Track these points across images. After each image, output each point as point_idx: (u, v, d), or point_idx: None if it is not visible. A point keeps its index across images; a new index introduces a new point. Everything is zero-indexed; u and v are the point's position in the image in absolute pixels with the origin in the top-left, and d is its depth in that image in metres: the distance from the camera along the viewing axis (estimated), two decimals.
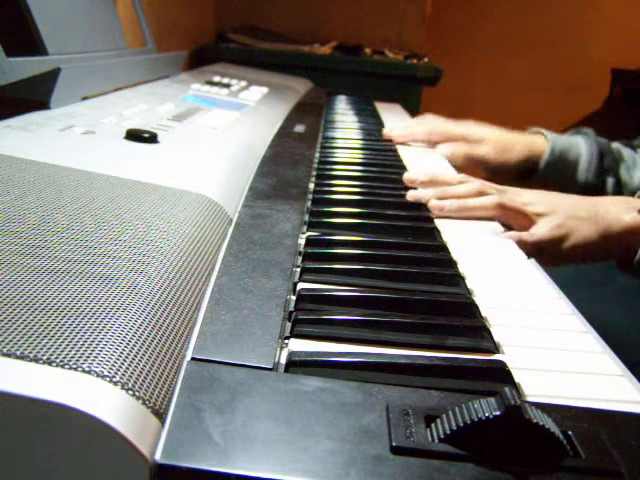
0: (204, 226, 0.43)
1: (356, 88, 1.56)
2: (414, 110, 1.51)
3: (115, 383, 0.24)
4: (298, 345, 0.33)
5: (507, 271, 0.48)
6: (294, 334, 0.34)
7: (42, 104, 0.68)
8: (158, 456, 0.22)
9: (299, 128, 0.90)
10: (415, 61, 1.79)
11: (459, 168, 0.81)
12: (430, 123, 0.96)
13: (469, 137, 0.90)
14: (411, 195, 0.64)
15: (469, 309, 0.39)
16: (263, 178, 0.60)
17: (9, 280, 0.29)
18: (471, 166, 0.87)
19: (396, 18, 2.01)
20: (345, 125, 1.03)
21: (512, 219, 0.65)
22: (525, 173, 0.89)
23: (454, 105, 2.21)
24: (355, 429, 0.25)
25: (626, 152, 0.88)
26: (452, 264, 0.46)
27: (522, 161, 0.89)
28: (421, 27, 2.02)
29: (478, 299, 0.41)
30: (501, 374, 0.32)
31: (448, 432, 0.25)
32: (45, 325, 0.26)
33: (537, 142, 0.90)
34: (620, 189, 0.85)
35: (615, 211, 0.67)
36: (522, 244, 0.61)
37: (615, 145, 0.90)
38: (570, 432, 0.26)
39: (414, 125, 0.97)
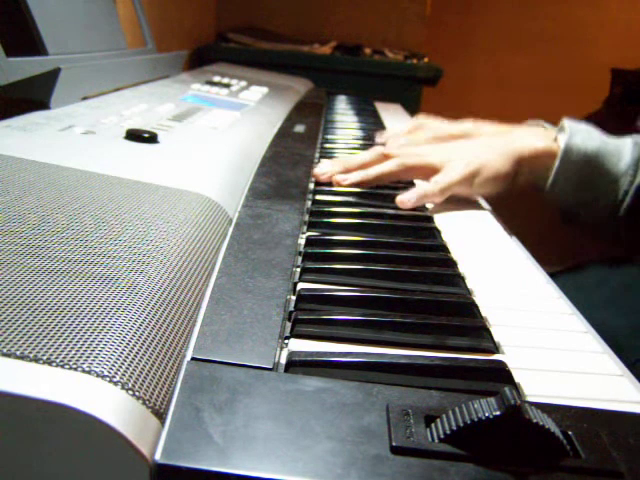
0: (204, 226, 0.43)
1: (356, 88, 1.56)
2: (414, 110, 1.51)
3: (115, 383, 0.24)
4: (298, 345, 0.33)
5: (507, 271, 0.48)
6: (294, 334, 0.34)
7: (42, 104, 0.68)
8: (158, 456, 0.22)
9: (299, 128, 0.90)
10: (415, 61, 1.79)
11: None
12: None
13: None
14: (315, 173, 0.64)
15: (469, 309, 0.39)
16: (263, 178, 0.60)
17: (9, 280, 0.29)
18: None
19: (396, 18, 2.00)
20: (345, 125, 1.03)
21: (421, 175, 0.66)
22: None
23: (454, 105, 2.21)
24: (355, 429, 0.25)
25: None
26: (452, 264, 0.46)
27: None
28: (421, 27, 2.02)
29: (478, 299, 0.41)
30: (501, 374, 0.32)
31: (448, 432, 0.25)
32: (45, 325, 0.26)
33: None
34: None
35: (528, 138, 0.67)
36: (430, 197, 0.61)
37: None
38: (570, 432, 0.26)
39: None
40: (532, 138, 0.67)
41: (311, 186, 0.62)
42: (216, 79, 1.17)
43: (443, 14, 2.30)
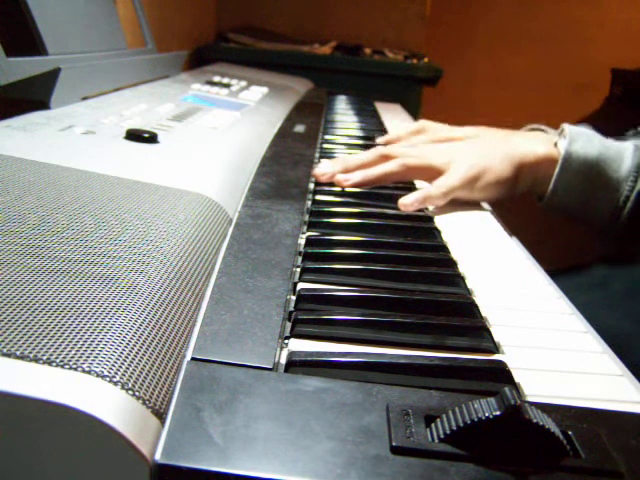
0: (204, 226, 0.43)
1: (356, 88, 1.56)
2: (414, 110, 1.51)
3: (115, 383, 0.24)
4: (298, 345, 0.33)
5: (507, 271, 0.48)
6: (294, 334, 0.34)
7: (42, 104, 0.68)
8: (158, 456, 0.22)
9: (299, 128, 0.90)
10: (415, 61, 1.78)
11: None
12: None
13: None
14: (315, 173, 0.64)
15: (469, 309, 0.39)
16: (263, 178, 0.60)
17: (9, 280, 0.29)
18: None
19: (396, 18, 2.00)
20: (345, 125, 1.03)
21: (422, 176, 0.65)
22: None
23: (454, 105, 2.21)
24: (355, 429, 0.25)
25: None
26: (452, 264, 0.46)
27: None
28: (421, 27, 2.02)
29: (478, 299, 0.41)
30: (501, 374, 0.32)
31: (448, 432, 0.25)
32: (45, 325, 0.26)
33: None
34: None
35: (529, 144, 0.66)
36: (433, 200, 0.61)
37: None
38: (570, 432, 0.26)
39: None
40: (533, 144, 0.67)
41: (311, 186, 0.62)
42: (216, 79, 1.17)
43: (443, 14, 2.30)
